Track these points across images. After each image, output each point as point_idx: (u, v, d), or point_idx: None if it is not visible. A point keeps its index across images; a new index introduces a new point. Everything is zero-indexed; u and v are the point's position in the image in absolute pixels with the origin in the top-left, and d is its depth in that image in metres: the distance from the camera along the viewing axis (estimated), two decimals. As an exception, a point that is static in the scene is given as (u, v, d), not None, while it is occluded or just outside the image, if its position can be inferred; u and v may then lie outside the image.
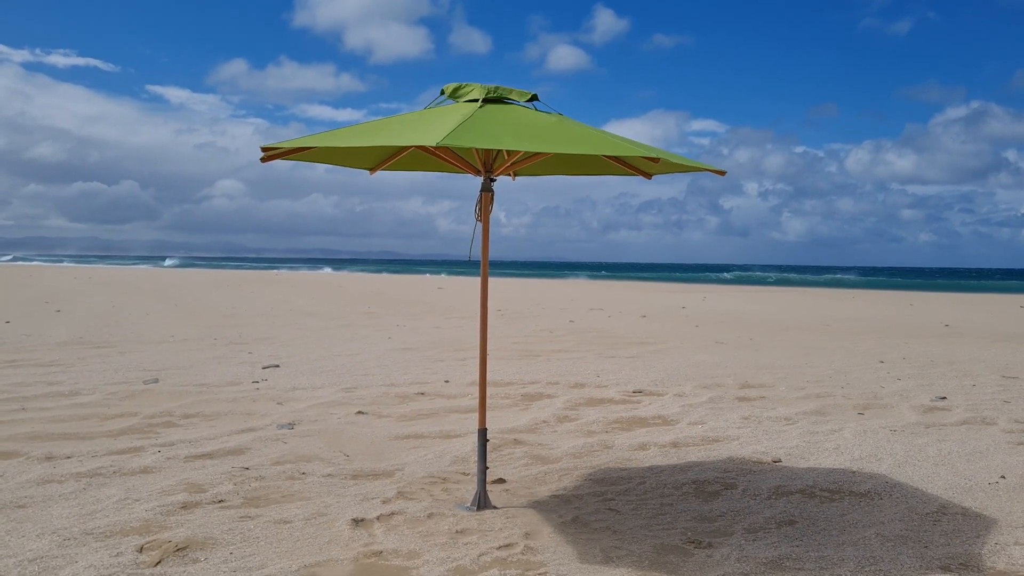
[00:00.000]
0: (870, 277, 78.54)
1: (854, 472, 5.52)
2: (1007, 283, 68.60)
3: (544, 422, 7.03)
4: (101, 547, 3.83)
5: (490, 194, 4.60)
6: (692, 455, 5.98)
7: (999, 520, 4.51)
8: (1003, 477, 5.42)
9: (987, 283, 68.03)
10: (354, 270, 79.26)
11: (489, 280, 4.77)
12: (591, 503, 4.76)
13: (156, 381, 8.54)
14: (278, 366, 9.84)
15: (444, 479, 5.22)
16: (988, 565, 3.84)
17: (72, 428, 6.36)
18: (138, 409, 7.13)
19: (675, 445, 6.28)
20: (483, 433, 4.71)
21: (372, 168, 5.33)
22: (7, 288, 27.08)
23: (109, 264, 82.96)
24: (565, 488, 5.08)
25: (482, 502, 4.60)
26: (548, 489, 5.06)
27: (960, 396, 8.61)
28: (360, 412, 7.27)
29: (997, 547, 4.08)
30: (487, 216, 4.60)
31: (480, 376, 4.75)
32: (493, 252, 4.72)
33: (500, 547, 3.97)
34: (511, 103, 4.33)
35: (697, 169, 4.17)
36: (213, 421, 6.77)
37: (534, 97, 4.43)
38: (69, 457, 5.47)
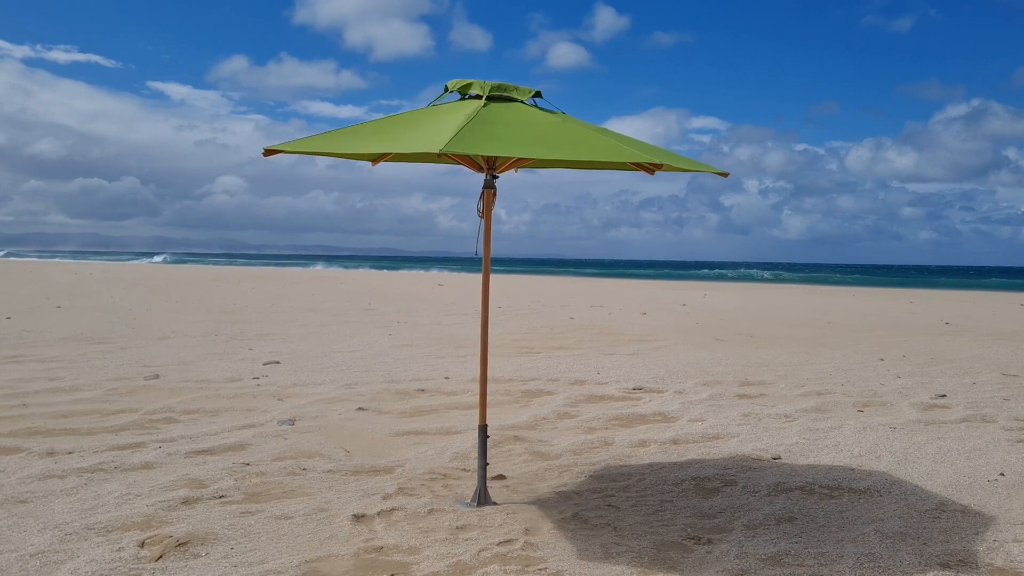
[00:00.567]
0: (870, 276, 78.49)
1: (853, 469, 5.53)
2: (1007, 281, 68.57)
3: (544, 419, 7.05)
4: (102, 542, 3.85)
5: (492, 191, 4.61)
6: (692, 452, 5.99)
7: (998, 517, 4.52)
8: (1002, 474, 5.43)
9: (987, 281, 68.00)
10: (351, 267, 79.09)
11: (490, 277, 4.78)
12: (591, 499, 4.77)
13: (157, 377, 8.56)
14: (279, 362, 9.85)
15: (444, 475, 5.23)
16: (987, 562, 3.85)
17: (73, 424, 6.37)
18: (139, 405, 7.14)
19: (675, 442, 6.29)
20: (483, 429, 4.72)
21: (375, 160, 5.35)
22: (8, 284, 27.10)
23: (99, 260, 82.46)
24: (565, 484, 5.09)
25: (482, 498, 4.61)
26: (548, 485, 5.07)
27: (960, 394, 8.62)
28: (361, 408, 7.28)
29: (996, 544, 4.09)
30: (489, 213, 4.60)
31: (481, 372, 4.76)
32: (494, 249, 4.72)
33: (500, 543, 3.99)
34: (515, 101, 4.34)
35: (701, 170, 4.18)
36: (214, 417, 6.79)
37: (537, 94, 4.44)
38: (70, 452, 5.48)
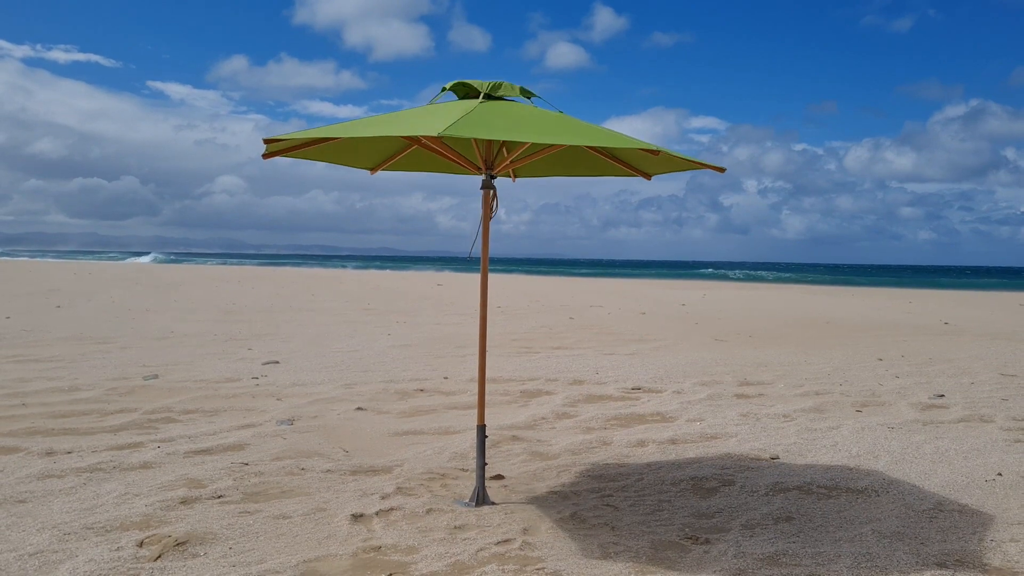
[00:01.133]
0: (869, 276, 78.51)
1: (851, 469, 5.53)
2: (1006, 281, 68.60)
3: (543, 419, 7.05)
4: (101, 541, 3.85)
5: (491, 191, 4.61)
6: (690, 452, 6.00)
7: (995, 517, 4.53)
8: (1000, 474, 5.44)
9: (986, 281, 68.03)
10: (350, 266, 78.89)
11: (489, 276, 4.78)
12: (589, 499, 4.78)
13: (156, 377, 8.56)
14: (278, 362, 9.85)
15: (443, 475, 5.24)
16: (984, 562, 3.86)
17: (72, 423, 6.38)
18: (138, 405, 7.14)
19: (673, 442, 6.30)
20: (482, 429, 4.72)
21: (373, 168, 5.34)
22: (6, 284, 27.08)
23: (85, 260, 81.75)
24: (563, 484, 5.10)
25: (481, 498, 4.62)
26: (546, 485, 5.07)
27: (958, 394, 8.63)
28: (359, 408, 7.28)
29: (993, 544, 4.10)
30: (488, 214, 4.61)
31: (480, 372, 4.77)
32: (493, 249, 4.73)
33: (498, 542, 3.99)
34: (512, 100, 4.35)
35: (697, 167, 4.19)
36: (213, 417, 6.79)
37: (530, 94, 4.45)
38: (69, 452, 5.48)
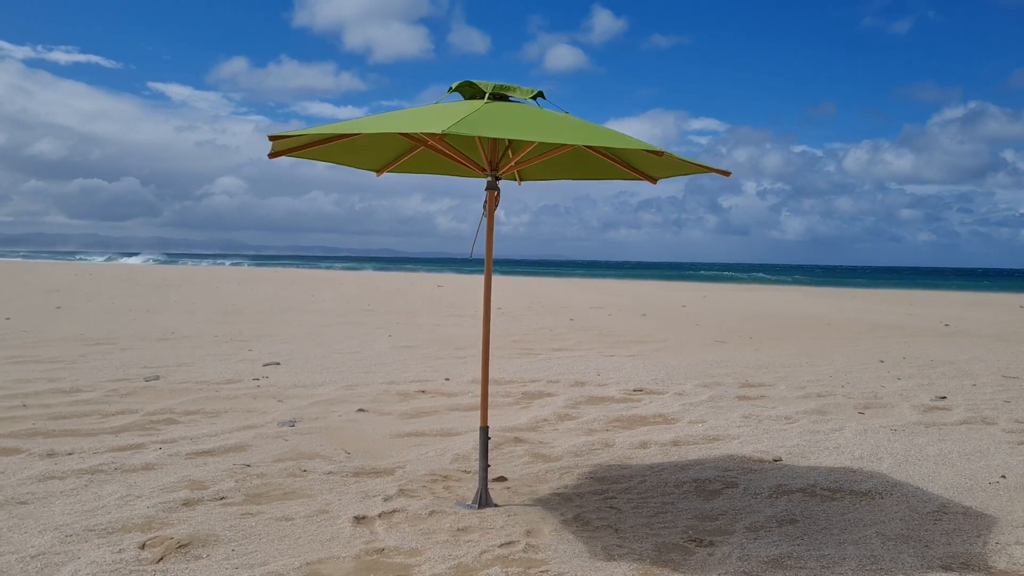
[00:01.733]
0: (870, 278, 78.48)
1: (855, 471, 5.52)
2: (1007, 283, 68.58)
3: (545, 420, 7.04)
4: (103, 544, 3.84)
5: (495, 193, 4.60)
6: (693, 454, 5.98)
7: (1000, 519, 4.52)
8: (1004, 477, 5.43)
9: (987, 283, 68.01)
10: (350, 268, 78.68)
11: (492, 279, 4.77)
12: (592, 501, 4.77)
13: (157, 378, 8.55)
14: (279, 363, 9.84)
15: (445, 477, 5.22)
16: (989, 564, 3.85)
17: (73, 425, 6.36)
18: (139, 406, 7.13)
19: (676, 444, 6.29)
20: (485, 431, 4.71)
21: (379, 170, 5.32)
22: (7, 285, 27.07)
23: (74, 261, 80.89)
24: (566, 486, 5.09)
25: (483, 500, 4.60)
26: (549, 487, 5.06)
27: (960, 396, 8.61)
28: (361, 410, 7.27)
29: (998, 546, 4.08)
30: (492, 215, 4.60)
31: (482, 374, 4.76)
32: (494, 250, 4.71)
33: (501, 545, 3.98)
34: (517, 100, 4.35)
35: (702, 170, 4.18)
36: (214, 418, 6.78)
37: (539, 94, 4.44)
38: (71, 454, 5.47)
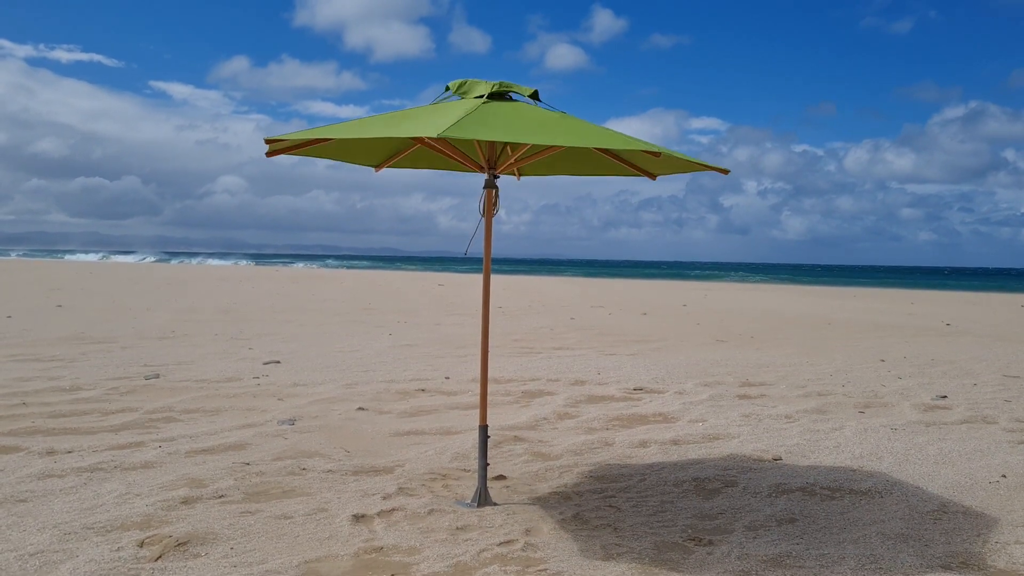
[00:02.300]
0: (870, 277, 78.42)
1: (855, 470, 5.51)
2: (1008, 282, 68.52)
3: (545, 419, 7.03)
4: (102, 541, 3.84)
5: (494, 191, 4.60)
6: (692, 453, 5.98)
7: (1000, 519, 4.51)
8: (1004, 476, 5.42)
9: (988, 282, 67.94)
10: (351, 266, 78.44)
11: (491, 277, 4.77)
12: (591, 500, 4.76)
13: (157, 376, 8.55)
14: (279, 362, 9.84)
15: (444, 475, 5.22)
16: (989, 564, 3.84)
17: (73, 423, 6.36)
18: (139, 404, 7.13)
19: (675, 443, 6.28)
20: (484, 430, 4.70)
21: (377, 165, 5.32)
22: (7, 283, 27.09)
23: (64, 260, 79.68)
24: (565, 485, 5.08)
25: (483, 498, 4.60)
26: (548, 486, 5.06)
27: (961, 395, 8.60)
28: (361, 408, 7.27)
29: (998, 546, 4.08)
30: (490, 213, 4.59)
31: (482, 372, 4.75)
32: (494, 249, 4.71)
33: (500, 543, 3.98)
34: (515, 99, 4.34)
35: (701, 168, 4.17)
36: (214, 416, 6.77)
37: (534, 94, 4.43)
38: (70, 452, 5.47)
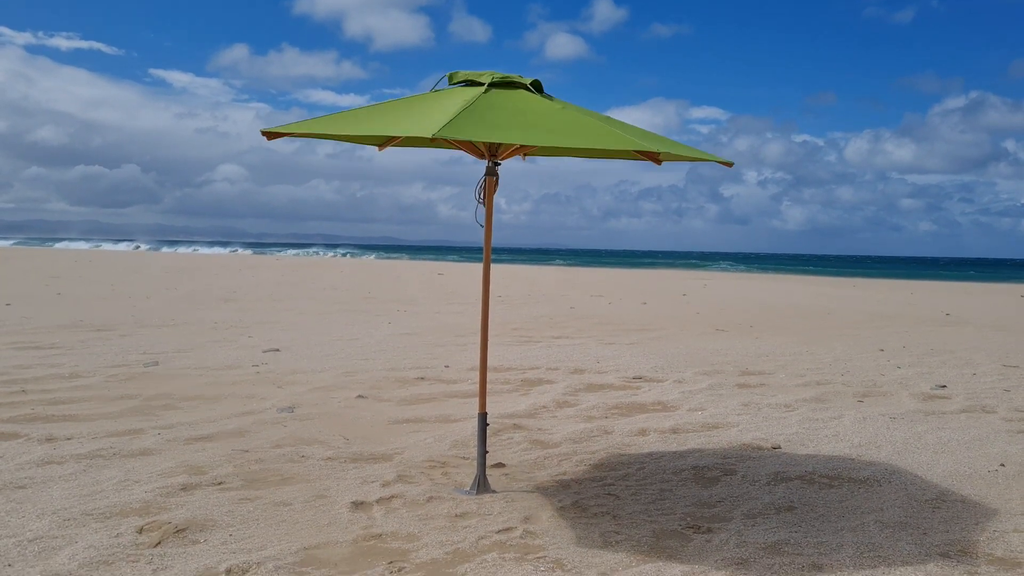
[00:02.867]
0: (870, 268, 78.37)
1: (853, 459, 5.52)
2: (1008, 272, 68.48)
3: (544, 407, 7.04)
4: (101, 528, 3.84)
5: (494, 178, 4.57)
6: (691, 441, 5.98)
7: (998, 508, 4.52)
8: (1002, 465, 5.43)
9: (988, 273, 67.92)
10: (350, 255, 78.22)
11: (491, 266, 4.75)
12: (590, 488, 4.77)
13: (156, 364, 8.55)
14: (278, 350, 9.84)
15: (443, 463, 5.22)
16: (986, 552, 3.85)
17: (72, 410, 6.36)
18: (138, 391, 7.13)
19: (675, 431, 6.29)
20: (483, 417, 4.70)
21: (381, 145, 5.33)
22: (7, 271, 27.07)
23: (54, 248, 78.43)
24: (564, 473, 5.09)
25: (481, 486, 4.60)
26: (547, 474, 5.06)
27: (960, 384, 8.61)
28: (360, 396, 7.27)
29: (996, 534, 4.09)
30: (491, 200, 4.57)
31: (481, 360, 4.74)
32: (494, 238, 4.69)
33: (499, 531, 3.98)
34: (516, 88, 4.30)
35: (706, 159, 4.15)
36: (213, 404, 6.78)
37: (536, 84, 4.39)
38: (69, 439, 5.47)
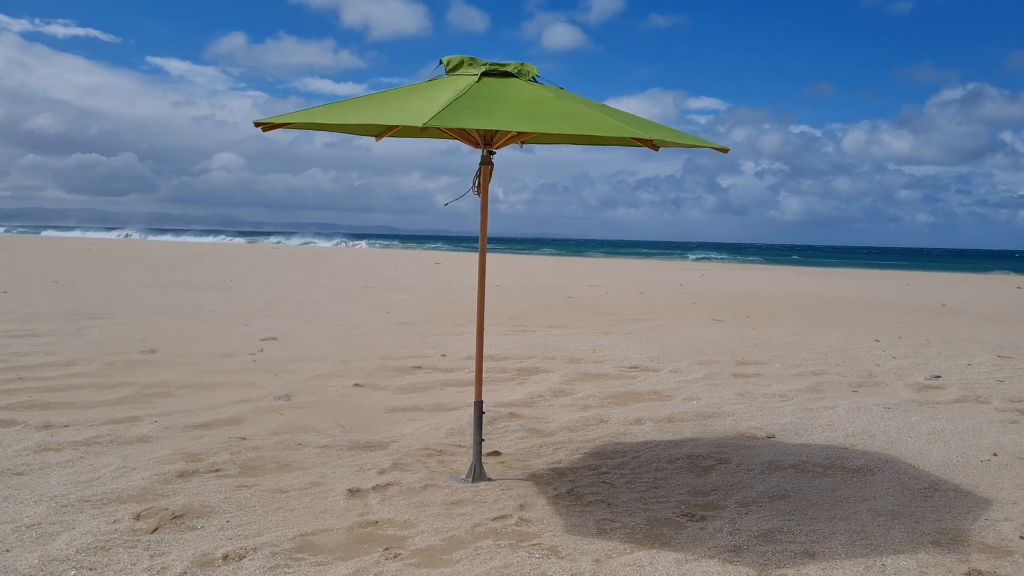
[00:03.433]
0: (867, 259, 78.44)
1: (847, 448, 5.55)
2: (1004, 264, 68.60)
3: (540, 396, 7.06)
4: (98, 514, 3.86)
5: (489, 167, 4.57)
6: (687, 430, 6.01)
7: (990, 497, 4.55)
8: (995, 455, 5.46)
9: (984, 264, 68.02)
10: (348, 244, 77.95)
11: (487, 255, 4.76)
12: (585, 476, 4.79)
13: (153, 352, 8.55)
14: (275, 338, 9.85)
15: (440, 451, 5.25)
16: (978, 540, 3.88)
17: (69, 397, 6.37)
18: (135, 379, 7.14)
19: (670, 420, 6.31)
20: (479, 405, 4.72)
21: (378, 135, 5.32)
22: (5, 259, 27.01)
23: (36, 235, 77.25)
24: (560, 461, 5.11)
25: (477, 474, 4.63)
26: (543, 462, 5.09)
27: (955, 375, 8.64)
28: (357, 384, 7.29)
29: (987, 523, 4.12)
30: (486, 190, 4.58)
31: (477, 348, 4.76)
32: (490, 228, 4.70)
33: (494, 518, 4.00)
34: (509, 76, 4.30)
35: (701, 145, 4.15)
36: (210, 392, 6.79)
37: (533, 71, 4.39)
38: (67, 426, 5.48)
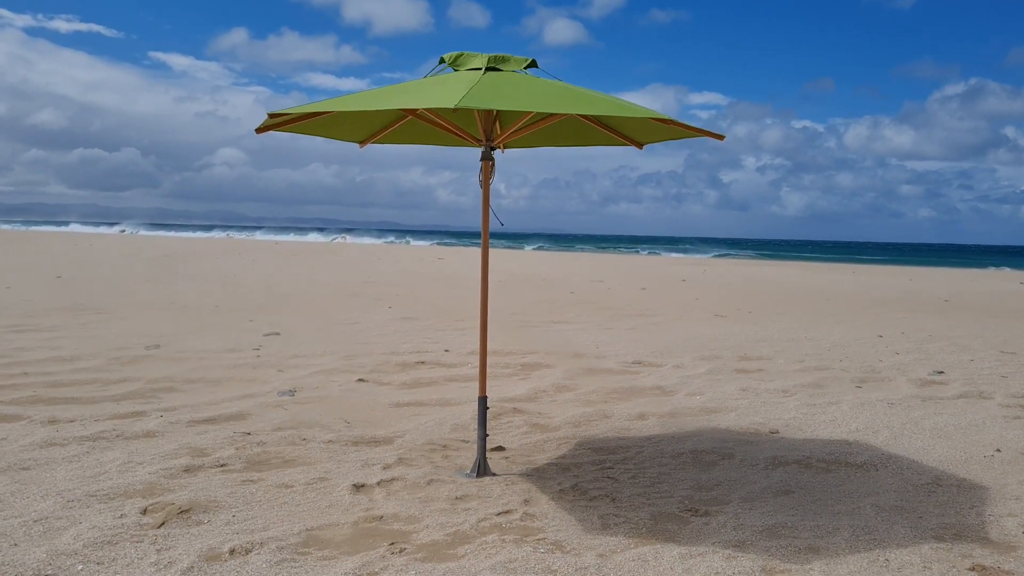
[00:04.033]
0: (870, 254, 78.30)
1: (850, 444, 5.56)
2: (1007, 259, 68.46)
3: (543, 391, 7.07)
4: (105, 509, 3.88)
5: (491, 163, 4.58)
6: (690, 425, 6.02)
7: (993, 492, 4.56)
8: (998, 450, 5.47)
9: (986, 259, 67.88)
10: (350, 240, 78.01)
11: (489, 251, 4.76)
12: (589, 471, 4.81)
13: (158, 347, 8.58)
14: (279, 334, 9.87)
15: (444, 446, 5.26)
16: (981, 535, 3.89)
17: (74, 392, 6.40)
18: (140, 374, 7.16)
19: (673, 415, 6.32)
20: (483, 401, 4.73)
21: (362, 141, 5.23)
22: (7, 254, 27.05)
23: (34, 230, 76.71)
24: (564, 456, 5.12)
25: (482, 469, 4.64)
26: (547, 457, 5.10)
27: (958, 370, 8.64)
28: (361, 380, 7.30)
29: (991, 518, 4.13)
30: (488, 185, 4.58)
31: (481, 344, 4.77)
32: (493, 223, 4.70)
33: (499, 513, 4.02)
34: (512, 71, 4.30)
35: (695, 133, 4.13)
36: (214, 387, 6.81)
37: (533, 63, 4.39)
38: (72, 421, 5.50)
